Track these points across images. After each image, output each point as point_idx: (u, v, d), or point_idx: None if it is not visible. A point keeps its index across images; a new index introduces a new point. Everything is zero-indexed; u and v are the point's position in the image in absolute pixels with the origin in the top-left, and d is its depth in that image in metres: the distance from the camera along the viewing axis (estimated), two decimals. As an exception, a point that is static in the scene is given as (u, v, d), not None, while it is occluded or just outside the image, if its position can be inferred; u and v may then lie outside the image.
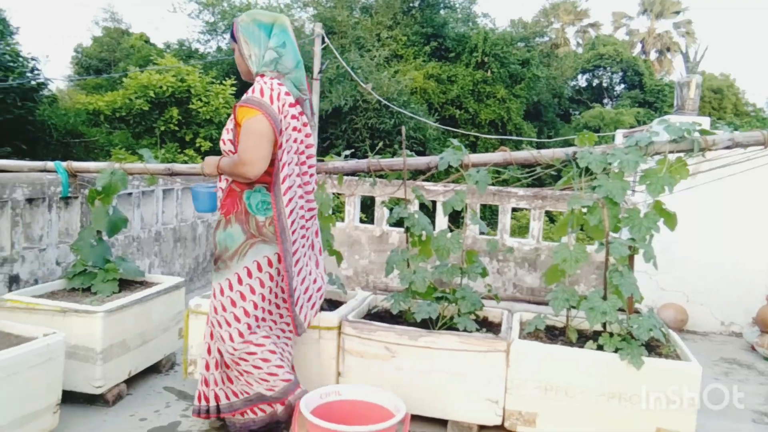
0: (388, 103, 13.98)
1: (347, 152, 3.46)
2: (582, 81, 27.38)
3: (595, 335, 2.81)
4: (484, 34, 19.52)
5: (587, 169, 2.77)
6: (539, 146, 18.35)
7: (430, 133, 17.18)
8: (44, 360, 2.48)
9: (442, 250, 2.98)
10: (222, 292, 2.50)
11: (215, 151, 13.28)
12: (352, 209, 5.66)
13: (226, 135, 2.52)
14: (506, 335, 2.83)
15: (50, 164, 3.58)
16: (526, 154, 3.08)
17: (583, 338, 2.84)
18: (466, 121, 19.24)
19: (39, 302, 2.92)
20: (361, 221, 5.81)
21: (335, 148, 14.52)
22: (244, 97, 2.38)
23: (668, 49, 32.64)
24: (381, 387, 2.75)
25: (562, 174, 3.03)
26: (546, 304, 4.61)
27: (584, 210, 2.79)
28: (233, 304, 2.47)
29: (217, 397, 2.61)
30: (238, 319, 2.48)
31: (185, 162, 11.64)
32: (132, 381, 3.17)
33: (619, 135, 6.40)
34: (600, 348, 2.64)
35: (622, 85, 27.01)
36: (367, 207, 7.05)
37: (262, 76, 2.43)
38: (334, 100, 16.52)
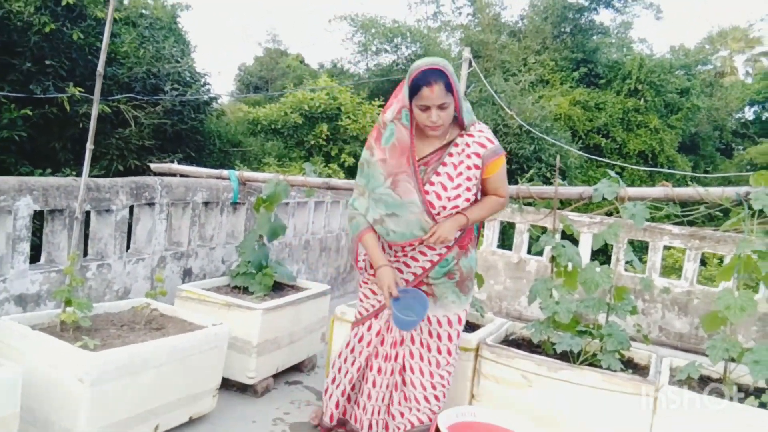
0: (530, 128, 13.72)
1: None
2: (749, 114, 24.94)
3: (757, 392, 2.58)
4: (640, 61, 18.53)
5: (761, 211, 2.57)
6: (695, 181, 16.98)
7: (571, 162, 16.59)
8: (211, 347, 2.76)
9: (590, 284, 2.89)
10: (450, 323, 2.61)
11: (356, 167, 13.85)
12: (491, 233, 5.65)
13: (464, 192, 2.41)
14: (655, 379, 2.68)
15: (225, 172, 3.99)
16: (691, 190, 2.92)
17: (741, 393, 2.61)
18: (612, 151, 18.32)
19: (208, 295, 3.26)
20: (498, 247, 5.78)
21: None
22: (496, 147, 2.42)
23: None
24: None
25: (731, 215, 2.83)
26: (695, 352, 4.30)
27: (753, 255, 2.59)
28: (450, 338, 2.64)
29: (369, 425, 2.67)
30: (450, 353, 2.65)
31: (329, 175, 12.21)
32: (278, 377, 3.42)
33: (795, 175, 5.78)
34: (762, 405, 2.42)
35: (798, 120, 24.24)
36: (502, 233, 6.99)
37: (474, 124, 2.43)
38: (476, 123, 16.55)
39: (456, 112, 2.34)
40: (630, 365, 2.95)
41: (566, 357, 2.88)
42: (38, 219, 3.20)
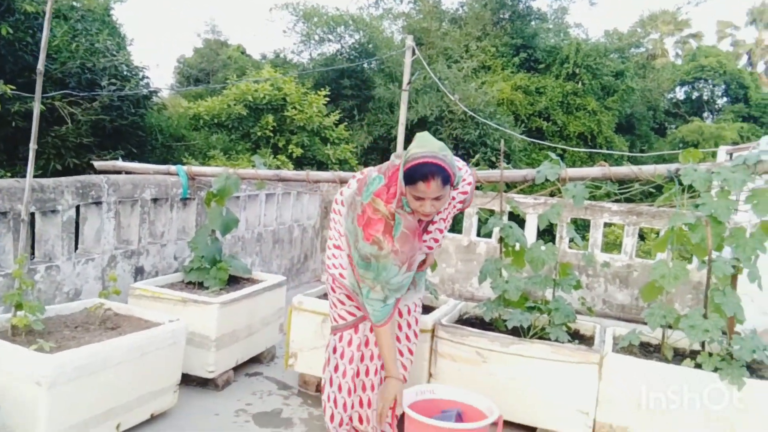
0: (474, 114, 13.97)
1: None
2: (680, 94, 26.10)
3: (692, 354, 2.78)
4: (576, 45, 19.08)
5: (690, 186, 2.75)
6: (631, 160, 17.70)
7: (515, 145, 16.99)
8: (170, 343, 2.76)
9: (536, 262, 3.04)
10: (421, 305, 2.79)
11: (306, 157, 13.78)
12: (441, 218, 5.76)
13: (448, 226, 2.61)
14: (600, 348, 2.85)
15: (173, 168, 3.94)
16: (626, 169, 3.09)
17: (678, 357, 2.81)
18: (554, 134, 18.85)
19: (163, 292, 3.24)
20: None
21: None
22: (472, 187, 2.56)
23: (778, 61, 30.54)
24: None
25: (664, 190, 3.02)
26: (636, 322, 4.54)
27: (685, 228, 2.77)
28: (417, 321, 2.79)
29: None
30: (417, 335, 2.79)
31: (278, 167, 12.13)
32: (238, 369, 3.44)
33: (722, 152, 6.13)
34: (698, 366, 2.61)
35: (725, 99, 25.51)
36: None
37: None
38: (420, 111, 16.68)
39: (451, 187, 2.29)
40: (576, 336, 3.11)
41: (517, 332, 3.02)
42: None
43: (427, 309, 3.40)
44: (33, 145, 2.48)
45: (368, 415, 2.60)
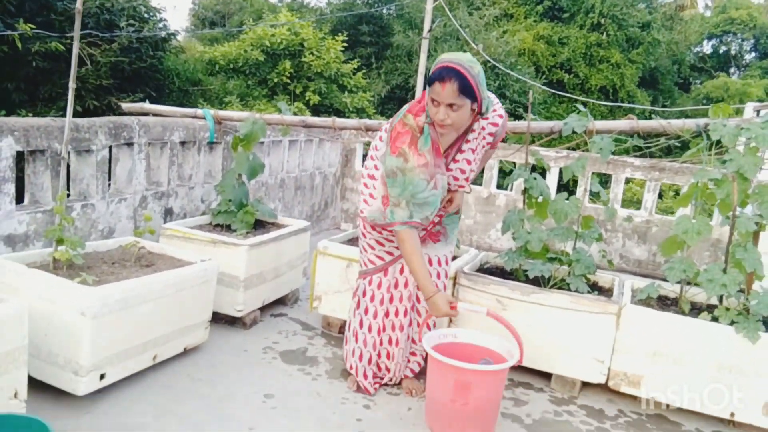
0: (496, 64, 13.73)
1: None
2: (707, 47, 25.39)
3: (709, 308, 2.84)
4: (603, -6, 18.53)
5: (718, 142, 2.76)
6: (651, 115, 17.40)
7: (535, 97, 16.75)
8: (202, 281, 2.87)
9: (559, 214, 3.08)
10: (450, 259, 2.84)
11: (323, 105, 13.69)
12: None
13: (477, 165, 2.58)
14: (618, 300, 2.92)
15: (200, 111, 3.98)
16: (654, 123, 3.09)
17: (695, 310, 2.88)
18: (575, 86, 18.53)
19: (193, 232, 3.34)
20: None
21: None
22: (504, 120, 2.54)
23: (812, 15, 29.39)
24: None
25: (691, 145, 3.02)
26: (653, 277, 4.60)
27: (710, 183, 2.79)
28: (447, 274, 2.84)
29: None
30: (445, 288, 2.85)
31: (295, 114, 12.13)
32: (264, 309, 3.56)
33: (749, 108, 6.03)
34: (714, 320, 2.68)
35: (753, 54, 24.79)
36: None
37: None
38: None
39: (478, 107, 2.31)
40: (595, 288, 3.18)
41: (537, 282, 3.10)
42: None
43: (448, 257, 3.48)
44: (72, 84, 2.53)
45: (394, 353, 2.72)
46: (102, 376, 2.41)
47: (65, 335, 2.34)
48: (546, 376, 3.05)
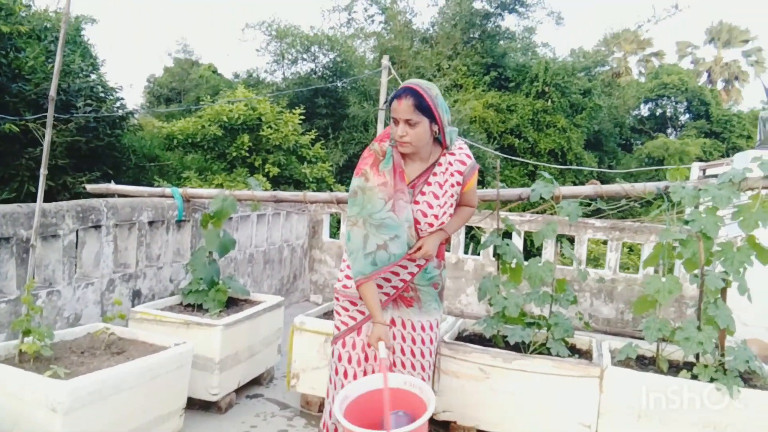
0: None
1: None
2: (645, 110, 26.95)
3: (687, 365, 2.89)
4: (545, 64, 19.59)
5: (678, 203, 2.89)
6: (599, 176, 18.13)
7: (489, 162, 17.29)
8: (177, 366, 2.76)
9: (534, 278, 3.13)
10: (432, 327, 2.69)
11: (283, 176, 13.77)
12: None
13: (448, 208, 2.51)
14: (599, 362, 2.94)
15: (168, 190, 3.94)
16: (617, 187, 3.22)
17: (673, 368, 2.92)
18: (525, 150, 19.24)
19: (165, 315, 3.23)
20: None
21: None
22: (473, 162, 2.55)
23: (736, 78, 31.78)
24: (476, 407, 2.93)
25: (653, 207, 3.15)
26: (622, 335, 4.67)
27: (675, 243, 2.90)
28: (432, 341, 2.69)
29: None
30: (431, 354, 2.70)
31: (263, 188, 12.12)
32: (239, 391, 3.44)
33: (695, 168, 6.40)
34: (694, 377, 2.72)
35: (687, 115, 26.43)
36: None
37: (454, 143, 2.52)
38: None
39: (440, 134, 2.40)
40: (574, 351, 3.20)
41: (517, 348, 3.10)
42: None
43: (425, 326, 3.46)
44: (43, 170, 2.48)
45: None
46: (73, 477, 2.26)
47: (34, 434, 2.20)
48: (533, 444, 3.00)
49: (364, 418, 2.15)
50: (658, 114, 26.68)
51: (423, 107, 2.31)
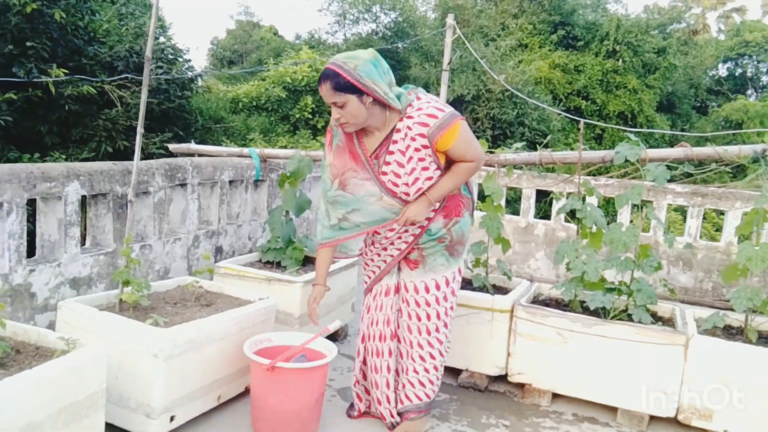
0: (516, 92, 13.84)
1: (518, 144, 3.60)
2: (723, 70, 25.42)
3: (777, 337, 2.79)
4: (617, 21, 18.67)
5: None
6: (671, 140, 17.31)
7: (554, 125, 16.80)
8: (262, 320, 2.87)
9: (617, 243, 3.05)
10: (438, 287, 2.57)
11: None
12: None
13: (420, 173, 2.35)
14: (684, 330, 2.87)
15: (245, 150, 4.04)
16: (710, 150, 3.08)
17: (762, 339, 2.82)
18: (593, 113, 18.56)
19: (248, 270, 3.35)
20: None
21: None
22: (441, 121, 2.29)
23: (826, 35, 29.42)
24: (553, 370, 2.93)
25: (748, 171, 3.00)
26: (700, 305, 4.52)
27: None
28: (438, 302, 2.60)
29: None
30: (440, 315, 2.61)
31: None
32: (316, 346, 3.53)
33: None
34: (786, 349, 2.62)
35: (770, 75, 24.80)
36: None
37: (419, 98, 2.35)
38: (457, 90, 16.57)
39: (380, 103, 2.27)
40: (656, 318, 3.13)
41: (595, 313, 3.06)
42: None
43: (499, 290, 3.46)
44: (140, 129, 2.57)
45: (381, 349, 2.70)
46: (172, 418, 2.41)
47: (137, 378, 2.35)
48: (611, 410, 2.98)
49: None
50: (737, 74, 25.11)
51: (342, 85, 2.20)
